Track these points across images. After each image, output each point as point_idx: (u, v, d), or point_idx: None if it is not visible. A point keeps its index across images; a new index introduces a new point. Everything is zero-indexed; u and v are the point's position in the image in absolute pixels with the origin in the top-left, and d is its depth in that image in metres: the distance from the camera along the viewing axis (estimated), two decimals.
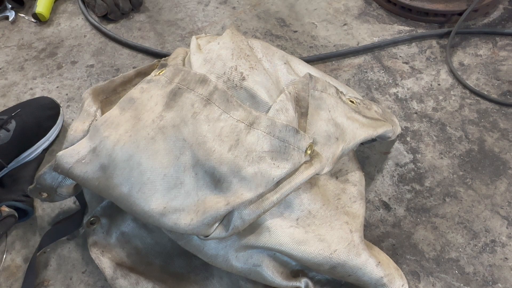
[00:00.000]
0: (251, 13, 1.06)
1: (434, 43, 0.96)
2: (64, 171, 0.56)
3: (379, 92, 0.88)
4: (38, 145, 0.79)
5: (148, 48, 0.98)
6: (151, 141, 0.55)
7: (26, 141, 0.77)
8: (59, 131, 0.83)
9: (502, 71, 0.90)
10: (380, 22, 1.02)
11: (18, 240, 0.70)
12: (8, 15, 1.09)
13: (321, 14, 1.05)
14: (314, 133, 0.59)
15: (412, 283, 0.64)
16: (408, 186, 0.74)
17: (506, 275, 0.64)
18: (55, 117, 0.82)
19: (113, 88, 0.66)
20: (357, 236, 0.58)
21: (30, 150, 0.78)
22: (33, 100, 0.82)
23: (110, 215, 0.65)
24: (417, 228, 0.69)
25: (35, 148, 0.79)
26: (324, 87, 0.63)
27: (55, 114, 0.82)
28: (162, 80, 0.60)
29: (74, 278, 0.66)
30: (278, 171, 0.52)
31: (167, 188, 0.53)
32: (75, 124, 0.59)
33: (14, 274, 0.67)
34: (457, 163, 0.77)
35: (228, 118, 0.55)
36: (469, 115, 0.83)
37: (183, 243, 0.58)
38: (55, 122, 0.82)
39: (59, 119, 0.83)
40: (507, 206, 0.71)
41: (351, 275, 0.57)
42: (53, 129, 0.81)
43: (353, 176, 0.67)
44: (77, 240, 0.70)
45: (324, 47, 0.97)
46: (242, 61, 0.59)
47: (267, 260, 0.57)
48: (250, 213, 0.51)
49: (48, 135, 0.81)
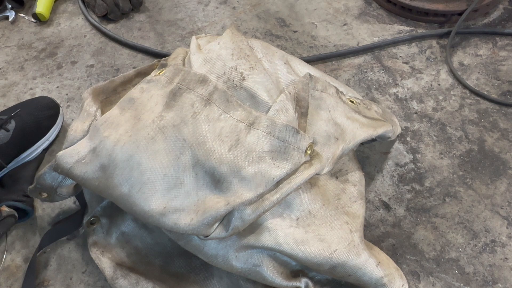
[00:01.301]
0: (251, 13, 1.06)
1: (434, 43, 0.96)
2: (64, 171, 0.56)
3: (379, 92, 0.88)
4: (38, 145, 0.79)
5: (148, 48, 0.98)
6: (151, 141, 0.55)
7: (25, 141, 0.77)
8: (59, 131, 0.83)
9: (502, 71, 0.90)
10: (380, 22, 1.02)
11: (18, 240, 0.70)
12: (8, 15, 1.09)
13: (321, 14, 1.05)
14: (314, 133, 0.59)
15: (412, 283, 0.64)
16: (408, 186, 0.74)
17: (506, 275, 0.64)
18: (55, 117, 0.82)
19: (113, 88, 0.66)
20: (357, 236, 0.58)
21: (30, 150, 0.78)
22: (33, 100, 0.82)
23: (110, 215, 0.65)
24: (417, 228, 0.69)
25: (35, 148, 0.79)
26: (324, 87, 0.63)
27: (54, 114, 0.82)
28: (162, 80, 0.60)
29: (74, 278, 0.66)
30: (278, 171, 0.52)
31: (167, 188, 0.53)
32: (75, 124, 0.59)
33: (14, 274, 0.67)
34: (457, 163, 0.77)
35: (228, 118, 0.55)
36: (469, 115, 0.83)
37: (183, 243, 0.58)
38: (55, 122, 0.82)
39: (59, 118, 0.83)
40: (507, 206, 0.71)
41: (351, 275, 0.57)
42: (52, 129, 0.81)
43: (353, 176, 0.67)
44: (77, 240, 0.70)
45: (324, 47, 0.97)
46: (242, 61, 0.59)
47: (267, 260, 0.57)
48: (250, 213, 0.51)
49: (48, 135, 0.80)
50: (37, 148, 0.79)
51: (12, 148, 0.75)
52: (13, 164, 0.76)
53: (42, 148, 0.80)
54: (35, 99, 0.82)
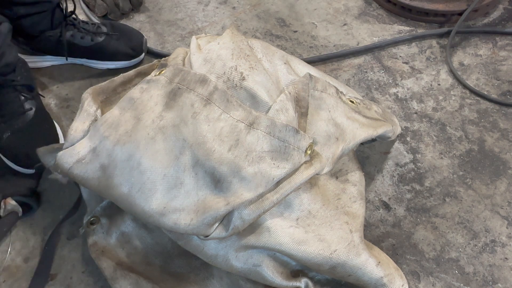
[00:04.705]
0: (251, 13, 1.06)
1: (434, 43, 0.96)
2: (64, 171, 0.56)
3: (379, 92, 0.88)
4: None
5: (148, 48, 0.98)
6: (151, 141, 0.55)
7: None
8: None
9: (502, 71, 0.90)
10: (380, 22, 1.02)
11: (18, 240, 0.70)
12: None
13: (321, 14, 1.05)
14: (314, 133, 0.59)
15: (412, 283, 0.64)
16: (408, 186, 0.74)
17: (506, 275, 0.64)
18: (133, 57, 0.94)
19: (113, 88, 0.66)
20: (357, 236, 0.58)
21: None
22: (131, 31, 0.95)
23: (110, 215, 0.65)
24: (417, 228, 0.69)
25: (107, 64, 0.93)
26: (324, 87, 0.63)
27: (135, 54, 0.93)
28: (162, 80, 0.60)
29: (74, 278, 0.66)
30: (278, 171, 0.52)
31: (167, 188, 0.53)
32: (75, 124, 0.59)
33: (14, 274, 0.67)
34: (457, 163, 0.77)
35: (228, 118, 0.55)
36: (469, 115, 0.83)
37: (183, 243, 0.58)
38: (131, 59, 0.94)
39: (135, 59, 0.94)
40: (507, 206, 0.71)
41: (351, 275, 0.57)
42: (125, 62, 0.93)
43: (353, 176, 0.67)
44: (77, 240, 0.70)
45: (324, 47, 0.97)
46: (242, 61, 0.59)
47: (267, 260, 0.57)
48: (250, 213, 0.51)
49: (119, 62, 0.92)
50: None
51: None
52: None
53: (108, 67, 0.93)
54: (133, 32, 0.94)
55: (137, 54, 0.93)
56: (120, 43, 0.91)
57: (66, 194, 0.75)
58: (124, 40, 0.91)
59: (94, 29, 0.90)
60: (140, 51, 0.94)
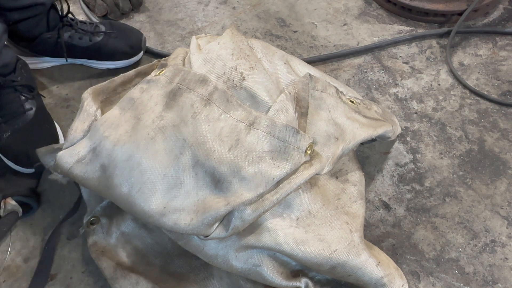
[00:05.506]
0: (251, 13, 1.06)
1: (434, 43, 0.96)
2: (64, 171, 0.56)
3: (379, 92, 0.88)
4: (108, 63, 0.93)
5: (148, 48, 0.98)
6: (151, 141, 0.55)
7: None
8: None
9: (502, 71, 0.90)
10: (380, 22, 1.02)
11: (18, 240, 0.70)
12: None
13: (321, 14, 1.05)
14: (314, 133, 0.59)
15: (412, 283, 0.64)
16: (408, 186, 0.74)
17: (506, 275, 0.64)
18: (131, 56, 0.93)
19: (113, 88, 0.66)
20: (357, 236, 0.58)
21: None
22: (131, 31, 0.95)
23: (110, 215, 0.65)
24: (417, 228, 0.69)
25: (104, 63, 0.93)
26: (324, 87, 0.63)
27: (133, 53, 0.93)
28: (162, 80, 0.60)
29: (74, 278, 0.66)
30: (278, 171, 0.52)
31: (167, 188, 0.53)
32: (75, 124, 0.59)
33: (14, 274, 0.67)
34: (457, 163, 0.77)
35: (228, 118, 0.55)
36: (469, 115, 0.83)
37: (183, 243, 0.58)
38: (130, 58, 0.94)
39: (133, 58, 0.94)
40: (507, 206, 0.71)
41: (351, 275, 0.57)
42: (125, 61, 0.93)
43: (353, 176, 0.67)
44: (77, 240, 0.70)
45: (324, 47, 0.97)
46: (242, 61, 0.59)
47: (267, 260, 0.57)
48: (250, 213, 0.51)
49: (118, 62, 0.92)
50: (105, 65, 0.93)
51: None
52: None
53: (107, 67, 0.93)
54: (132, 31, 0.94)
55: (136, 52, 0.93)
56: (118, 42, 0.91)
57: (66, 194, 0.75)
58: (122, 39, 0.91)
59: (92, 28, 0.89)
60: (139, 49, 0.93)
